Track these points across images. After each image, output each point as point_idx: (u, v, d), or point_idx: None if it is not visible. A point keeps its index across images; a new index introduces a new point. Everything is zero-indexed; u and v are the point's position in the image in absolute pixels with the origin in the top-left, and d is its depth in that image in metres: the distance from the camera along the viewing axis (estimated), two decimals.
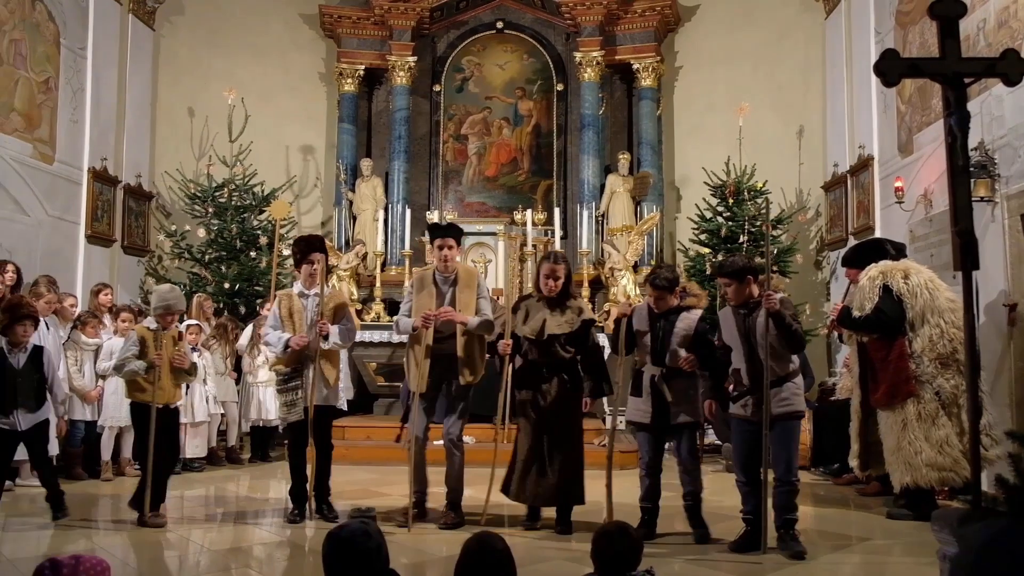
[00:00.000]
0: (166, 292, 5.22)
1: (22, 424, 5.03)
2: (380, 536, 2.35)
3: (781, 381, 4.44)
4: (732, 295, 4.57)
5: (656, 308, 4.82)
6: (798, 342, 4.48)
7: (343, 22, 10.65)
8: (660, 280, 4.79)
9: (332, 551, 2.31)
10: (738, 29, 10.39)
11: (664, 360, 4.74)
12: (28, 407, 5.05)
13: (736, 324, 4.56)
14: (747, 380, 4.48)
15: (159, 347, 5.04)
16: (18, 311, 5.09)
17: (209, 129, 10.11)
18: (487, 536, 2.52)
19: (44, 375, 5.20)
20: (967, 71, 3.36)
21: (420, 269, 5.49)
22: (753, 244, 9.15)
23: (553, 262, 4.98)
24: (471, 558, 2.43)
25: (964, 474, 5.05)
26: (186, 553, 4.56)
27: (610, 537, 2.65)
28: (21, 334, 5.08)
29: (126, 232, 9.31)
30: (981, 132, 6.00)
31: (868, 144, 8.36)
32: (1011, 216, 5.86)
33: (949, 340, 5.26)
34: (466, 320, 4.99)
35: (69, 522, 5.12)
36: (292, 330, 5.15)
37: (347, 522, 2.47)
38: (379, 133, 10.91)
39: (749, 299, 4.52)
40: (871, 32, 8.29)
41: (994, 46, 5.85)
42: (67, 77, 8.33)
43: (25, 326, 5.09)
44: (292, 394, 5.15)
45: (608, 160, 10.49)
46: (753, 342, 4.45)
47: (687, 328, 4.75)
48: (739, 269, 4.54)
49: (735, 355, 4.59)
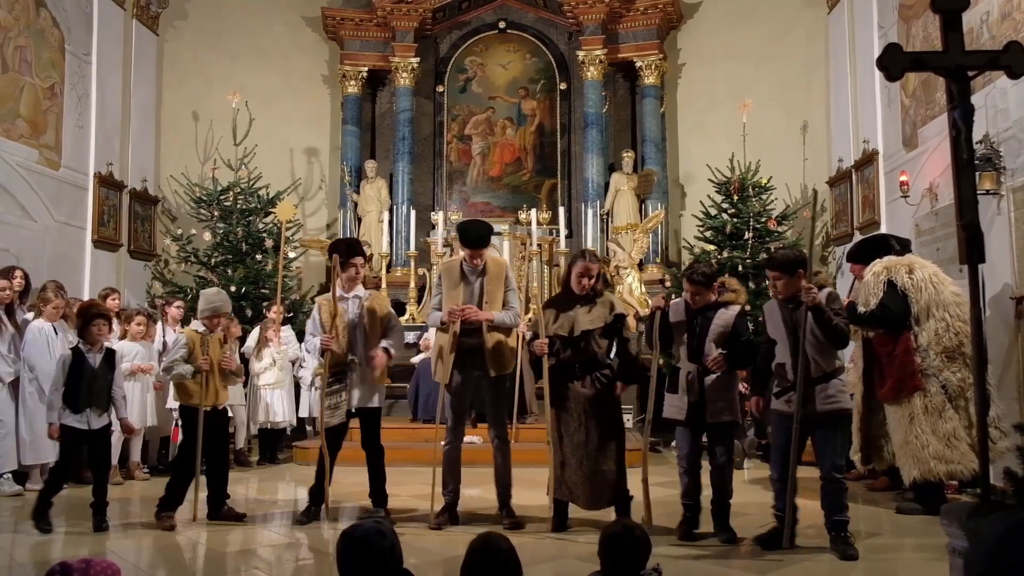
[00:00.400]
0: (212, 295, 5.28)
1: (93, 423, 5.09)
2: (394, 536, 2.36)
3: (827, 377, 4.33)
4: (782, 288, 4.42)
5: (692, 303, 4.69)
6: (840, 338, 4.37)
7: (345, 24, 10.68)
8: (697, 275, 4.66)
9: (346, 550, 2.32)
10: (740, 26, 10.38)
11: (700, 357, 4.63)
12: (100, 407, 5.11)
13: (783, 318, 4.43)
14: (791, 375, 4.37)
15: (206, 350, 5.11)
16: (91, 311, 5.18)
17: (213, 133, 10.14)
18: (492, 536, 2.52)
19: (114, 376, 5.27)
20: (970, 64, 3.35)
21: (447, 260, 5.47)
22: (758, 240, 9.14)
23: (588, 261, 4.89)
24: (476, 559, 2.43)
25: (972, 467, 5.04)
26: (195, 556, 4.58)
27: (617, 538, 2.64)
28: (96, 334, 5.13)
29: (132, 237, 9.35)
30: (986, 125, 5.98)
31: (872, 138, 8.34)
32: (1017, 209, 5.84)
33: (955, 333, 5.25)
34: (491, 317, 4.96)
35: (79, 527, 5.14)
36: (334, 334, 5.11)
37: (361, 521, 2.48)
38: (383, 134, 10.93)
39: (797, 293, 4.37)
40: (874, 26, 8.26)
41: (998, 38, 5.83)
42: (72, 83, 8.37)
43: (99, 325, 5.14)
44: (336, 397, 5.14)
45: (612, 158, 10.49)
46: (799, 336, 4.31)
47: (724, 324, 4.64)
48: (790, 262, 4.41)
49: (779, 349, 4.47)
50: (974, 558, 1.52)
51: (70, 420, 5.03)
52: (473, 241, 5.05)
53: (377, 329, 5.20)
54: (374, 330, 5.18)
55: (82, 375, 5.03)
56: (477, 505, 5.44)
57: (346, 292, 5.25)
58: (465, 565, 2.44)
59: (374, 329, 5.18)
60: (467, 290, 5.05)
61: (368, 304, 5.21)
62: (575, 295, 4.87)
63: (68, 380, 5.01)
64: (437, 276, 5.35)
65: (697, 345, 4.64)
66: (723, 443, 4.66)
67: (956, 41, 3.36)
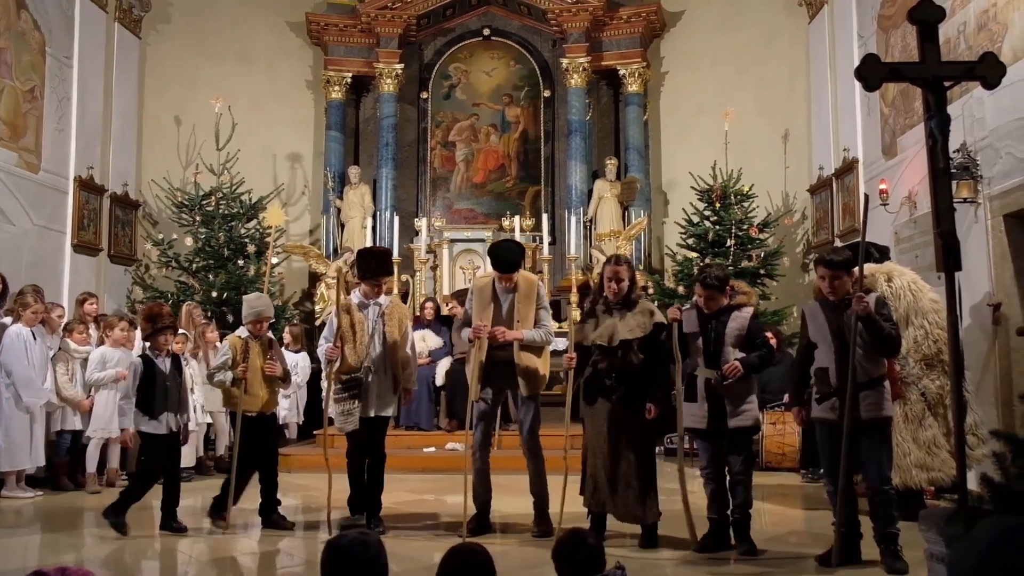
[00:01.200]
0: (254, 300, 5.33)
1: (171, 427, 5.12)
2: (379, 546, 2.34)
3: (873, 384, 4.17)
4: (833, 289, 4.24)
5: (706, 309, 4.60)
6: (892, 346, 4.23)
7: (330, 30, 10.66)
8: (711, 279, 4.56)
9: (330, 561, 2.30)
10: (723, 34, 10.46)
11: (719, 362, 4.53)
12: (174, 411, 5.15)
13: (827, 320, 4.26)
14: (836, 380, 4.18)
15: (249, 356, 5.11)
16: (159, 322, 5.20)
17: (196, 137, 10.09)
18: (467, 546, 2.53)
19: (183, 380, 5.31)
20: (947, 74, 3.40)
21: (479, 277, 5.43)
22: (740, 248, 9.19)
23: (615, 264, 4.81)
24: (450, 568, 2.43)
25: (952, 474, 5.07)
26: (174, 564, 4.54)
27: (568, 545, 2.67)
28: (163, 343, 5.19)
29: (113, 241, 9.28)
30: (963, 134, 6.05)
31: (852, 147, 8.42)
32: (994, 217, 5.91)
33: (934, 341, 5.28)
34: (520, 336, 4.88)
35: (56, 533, 5.09)
36: (352, 340, 5.07)
37: (346, 532, 2.46)
38: (367, 140, 10.91)
39: (848, 294, 4.21)
40: (854, 36, 8.36)
41: (974, 49, 5.91)
42: (53, 86, 8.30)
43: (166, 336, 5.21)
44: (349, 403, 5.11)
45: (595, 165, 10.53)
46: (846, 341, 4.13)
47: (740, 327, 4.55)
48: (846, 260, 4.22)
49: (821, 353, 4.29)
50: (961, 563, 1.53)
51: (147, 426, 5.08)
52: (503, 267, 4.98)
53: (395, 338, 5.15)
54: (392, 338, 5.14)
55: (155, 381, 5.09)
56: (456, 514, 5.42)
57: (366, 299, 5.21)
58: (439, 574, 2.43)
59: (392, 337, 5.14)
60: (498, 309, 4.98)
61: (388, 312, 5.18)
62: (610, 302, 4.78)
63: (141, 387, 5.06)
64: (470, 293, 5.26)
65: (714, 350, 4.55)
66: (742, 451, 4.57)
67: (933, 52, 3.40)
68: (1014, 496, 2.52)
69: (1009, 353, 5.72)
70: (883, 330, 4.12)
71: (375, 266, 5.24)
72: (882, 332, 4.11)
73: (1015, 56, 5.53)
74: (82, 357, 6.79)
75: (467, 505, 4.86)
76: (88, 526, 5.50)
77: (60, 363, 6.66)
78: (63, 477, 6.64)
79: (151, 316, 5.26)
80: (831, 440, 4.23)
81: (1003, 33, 5.77)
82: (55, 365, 6.64)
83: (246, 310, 5.26)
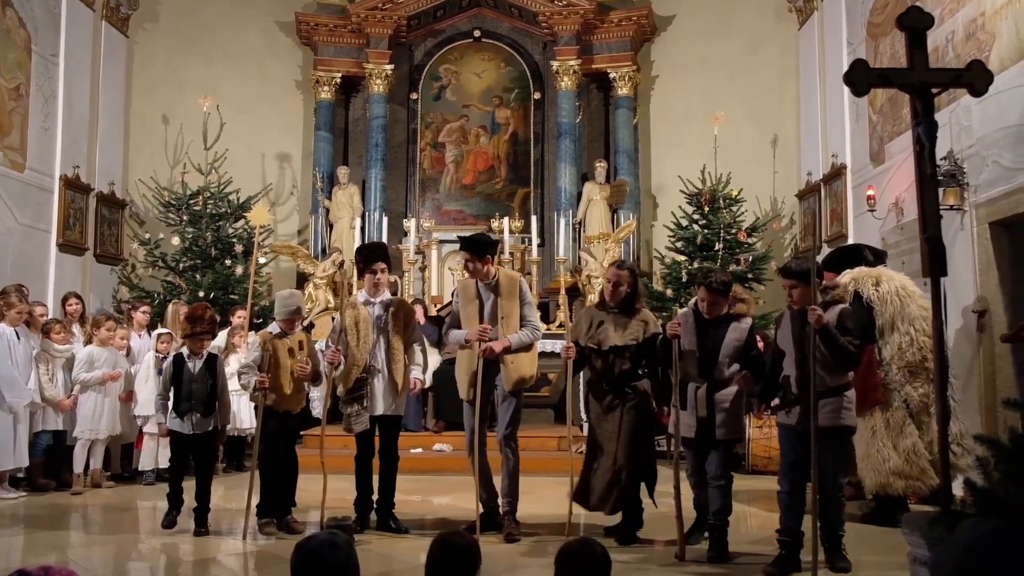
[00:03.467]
0: (287, 297, 5.28)
1: (193, 428, 5.14)
2: (349, 547, 2.33)
3: (831, 393, 4.21)
4: (797, 298, 4.29)
5: (707, 314, 4.53)
6: (848, 359, 4.24)
7: (319, 30, 10.63)
8: (716, 283, 4.49)
9: (299, 563, 2.29)
10: (713, 39, 10.50)
11: (712, 373, 4.50)
12: (200, 412, 5.15)
13: (792, 329, 4.31)
14: (796, 388, 4.27)
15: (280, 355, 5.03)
16: (199, 325, 5.26)
17: (184, 137, 10.03)
18: (453, 533, 2.56)
19: (216, 382, 5.28)
20: (934, 81, 3.41)
21: (463, 278, 5.42)
22: (728, 252, 9.23)
23: (617, 268, 4.83)
24: (437, 553, 2.46)
25: (931, 483, 5.09)
26: (157, 564, 4.51)
27: (571, 555, 2.53)
28: (198, 347, 5.25)
29: (99, 240, 9.21)
30: (950, 142, 6.10)
31: (841, 153, 8.46)
32: (980, 224, 5.96)
33: (919, 348, 5.25)
34: (507, 343, 4.86)
35: (37, 532, 5.04)
36: (356, 339, 5.03)
37: (315, 533, 2.46)
38: (356, 141, 10.88)
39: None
40: (843, 43, 8.40)
41: (962, 57, 5.96)
42: (38, 84, 8.23)
43: (203, 340, 5.29)
44: (356, 404, 5.08)
45: (585, 168, 10.54)
46: (806, 350, 4.17)
47: (739, 339, 4.51)
48: (806, 271, 4.25)
49: (787, 360, 4.36)
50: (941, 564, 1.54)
51: (175, 425, 5.17)
52: (470, 247, 4.98)
53: (401, 336, 5.13)
54: (397, 337, 5.11)
55: (181, 381, 5.15)
56: (449, 513, 5.42)
57: (372, 297, 5.18)
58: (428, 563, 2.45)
59: (397, 336, 5.11)
60: (482, 308, 4.96)
61: (394, 310, 5.16)
62: (608, 305, 4.80)
63: (172, 385, 5.16)
64: (454, 294, 5.27)
65: (709, 361, 4.51)
66: (727, 460, 4.57)
67: (921, 59, 3.42)
68: (997, 500, 2.53)
69: (993, 360, 5.76)
70: (838, 343, 4.14)
71: (367, 255, 5.25)
72: (837, 345, 4.14)
73: (1002, 65, 5.58)
74: (63, 357, 6.73)
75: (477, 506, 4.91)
76: (71, 527, 5.47)
77: (41, 363, 6.61)
78: (39, 477, 6.58)
79: (193, 318, 5.33)
80: (788, 444, 4.36)
81: (991, 42, 5.82)
82: (37, 365, 6.58)
83: (279, 307, 5.18)
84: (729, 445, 4.63)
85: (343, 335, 5.08)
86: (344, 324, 5.08)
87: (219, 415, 5.30)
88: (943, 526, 2.97)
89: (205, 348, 5.31)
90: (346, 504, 5.47)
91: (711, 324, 4.55)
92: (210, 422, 5.22)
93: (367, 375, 5.07)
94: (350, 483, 5.43)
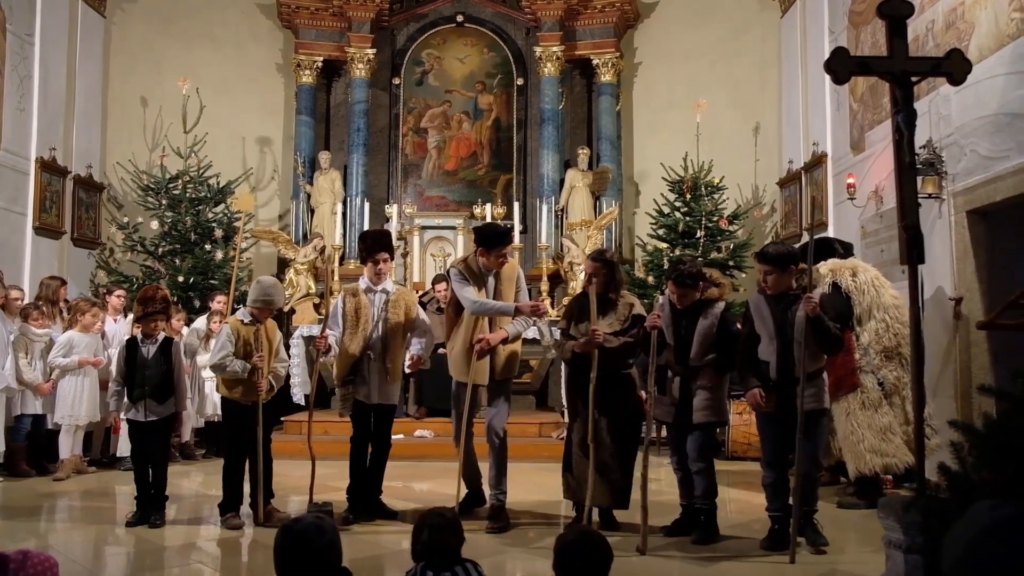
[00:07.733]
0: (269, 286, 4.99)
1: (148, 415, 4.98)
2: (334, 532, 2.33)
3: (810, 377, 4.25)
4: (772, 284, 4.32)
5: (679, 304, 4.59)
6: (836, 345, 4.30)
7: (301, 13, 10.51)
8: (687, 279, 4.54)
9: (284, 546, 2.29)
10: (696, 26, 10.50)
11: (687, 360, 4.55)
12: (155, 398, 4.99)
13: (772, 315, 4.32)
14: (776, 374, 4.29)
15: (253, 344, 4.84)
16: (149, 305, 5.07)
17: (163, 120, 9.91)
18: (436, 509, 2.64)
19: (172, 367, 5.11)
20: (914, 70, 3.44)
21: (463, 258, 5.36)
22: (710, 239, 9.27)
23: (592, 259, 4.85)
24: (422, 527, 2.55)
25: (906, 460, 5.25)
26: (136, 550, 4.49)
27: (571, 548, 2.45)
28: (152, 328, 5.07)
29: (76, 224, 9.11)
30: (929, 130, 6.15)
31: (822, 141, 8.51)
32: (957, 212, 6.02)
33: (894, 335, 5.47)
34: (505, 335, 4.88)
35: (15, 518, 5.00)
36: (356, 327, 4.98)
37: (301, 516, 2.45)
38: (338, 126, 10.80)
39: (788, 290, 4.30)
40: (825, 31, 8.44)
41: (942, 46, 6.00)
42: (13, 64, 8.10)
43: (156, 320, 5.08)
44: (349, 388, 5.03)
45: (568, 155, 10.53)
46: (788, 336, 4.21)
47: (710, 325, 4.54)
48: (783, 256, 4.28)
49: (764, 346, 4.37)
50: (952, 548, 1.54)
51: (129, 412, 5.01)
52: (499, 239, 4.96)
53: (400, 325, 5.08)
54: (397, 326, 5.06)
55: (135, 366, 4.98)
56: (431, 499, 5.43)
57: (373, 285, 5.12)
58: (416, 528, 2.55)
59: (397, 325, 5.06)
60: (480, 291, 4.95)
61: (394, 299, 5.10)
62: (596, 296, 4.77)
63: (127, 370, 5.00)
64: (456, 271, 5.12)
65: (683, 349, 4.56)
66: (704, 444, 4.59)
67: (901, 47, 3.44)
68: (970, 484, 2.57)
69: (969, 347, 5.84)
70: (830, 331, 4.23)
71: (370, 244, 5.17)
72: (828, 332, 4.22)
73: (981, 55, 5.62)
74: (42, 341, 6.66)
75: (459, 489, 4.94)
76: (55, 511, 5.43)
77: (20, 348, 6.53)
78: (22, 462, 6.53)
79: (144, 299, 5.12)
80: (769, 429, 4.42)
81: (970, 32, 5.86)
82: (15, 350, 6.51)
83: (258, 294, 4.92)
84: (707, 429, 4.66)
85: (338, 320, 5.03)
86: (345, 310, 5.04)
87: (176, 400, 5.13)
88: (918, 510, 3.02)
89: (159, 331, 5.10)
90: (327, 489, 5.48)
91: (683, 314, 4.61)
92: (166, 408, 5.04)
93: (363, 362, 5.03)
94: (331, 468, 5.43)
